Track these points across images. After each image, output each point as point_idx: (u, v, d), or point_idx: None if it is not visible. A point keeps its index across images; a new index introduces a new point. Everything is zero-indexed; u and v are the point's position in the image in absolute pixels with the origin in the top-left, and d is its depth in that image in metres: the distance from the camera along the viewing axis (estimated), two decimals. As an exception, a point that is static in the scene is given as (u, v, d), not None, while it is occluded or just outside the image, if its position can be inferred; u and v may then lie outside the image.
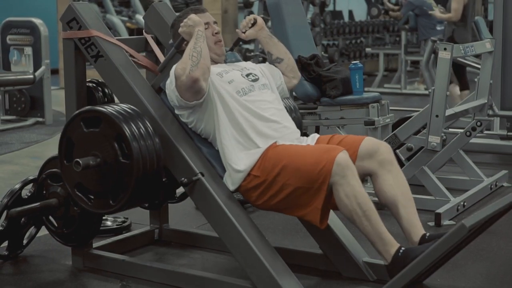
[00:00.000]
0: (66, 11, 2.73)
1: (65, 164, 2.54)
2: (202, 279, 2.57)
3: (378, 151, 2.49)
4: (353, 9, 13.28)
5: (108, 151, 2.43)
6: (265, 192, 2.44)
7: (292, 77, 2.82)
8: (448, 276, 2.67)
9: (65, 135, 2.53)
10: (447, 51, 3.34)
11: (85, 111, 2.52)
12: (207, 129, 2.57)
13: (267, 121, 2.54)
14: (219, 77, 2.57)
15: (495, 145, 4.71)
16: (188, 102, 2.50)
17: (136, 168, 2.39)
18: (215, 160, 2.56)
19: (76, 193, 2.53)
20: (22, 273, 2.78)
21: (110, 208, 2.48)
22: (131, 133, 2.41)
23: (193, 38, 2.51)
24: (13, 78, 6.14)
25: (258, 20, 2.77)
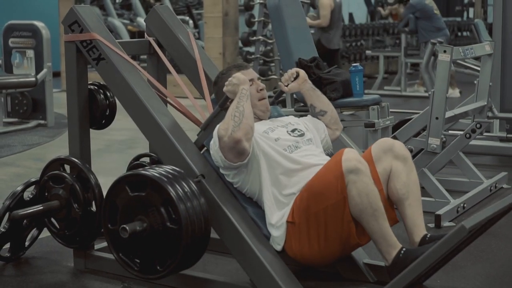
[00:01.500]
0: (68, 14, 2.74)
1: (110, 227, 2.45)
2: (203, 281, 2.57)
3: (393, 147, 2.50)
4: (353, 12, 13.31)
5: (155, 216, 2.34)
6: (303, 237, 2.40)
7: (335, 129, 2.79)
8: (448, 277, 2.67)
9: (109, 198, 2.45)
10: (446, 54, 3.36)
11: (130, 175, 2.43)
12: (252, 189, 2.52)
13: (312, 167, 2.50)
14: (265, 135, 2.53)
15: (495, 147, 4.72)
16: (232, 163, 2.45)
17: (185, 233, 2.31)
18: (260, 220, 2.50)
19: (122, 258, 2.44)
20: (24, 274, 2.79)
21: (158, 273, 2.38)
22: (178, 196, 2.32)
23: (237, 97, 2.46)
24: (15, 80, 6.16)
25: (300, 73, 2.73)
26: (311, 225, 2.38)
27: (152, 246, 2.37)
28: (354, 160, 2.32)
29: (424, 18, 8.22)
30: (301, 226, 2.40)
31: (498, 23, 5.06)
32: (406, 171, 2.49)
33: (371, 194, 2.33)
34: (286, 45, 3.74)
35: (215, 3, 7.90)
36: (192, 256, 2.40)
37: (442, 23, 8.34)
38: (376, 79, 9.16)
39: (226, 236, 2.48)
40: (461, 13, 14.10)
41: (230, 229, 2.45)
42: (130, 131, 5.62)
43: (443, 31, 8.18)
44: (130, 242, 2.39)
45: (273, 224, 2.46)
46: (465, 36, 12.54)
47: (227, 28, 7.94)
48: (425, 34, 8.21)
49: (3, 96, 6.43)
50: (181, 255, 2.33)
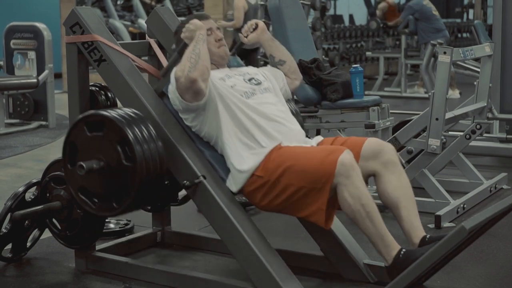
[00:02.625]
0: (69, 16, 2.74)
1: (69, 168, 2.55)
2: (204, 281, 2.58)
3: (382, 152, 2.50)
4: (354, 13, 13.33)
5: (111, 155, 2.45)
6: (268, 193, 2.46)
7: (294, 78, 2.85)
8: (448, 278, 2.68)
9: (69, 139, 2.55)
10: (446, 55, 3.37)
11: (88, 116, 2.53)
12: (210, 132, 2.58)
13: (270, 120, 2.56)
14: (222, 82, 2.60)
15: (495, 148, 4.73)
16: (189, 103, 2.52)
17: (139, 171, 2.41)
18: (217, 163, 2.58)
19: (80, 196, 2.54)
20: (25, 275, 2.80)
21: (114, 211, 2.49)
22: (134, 136, 2.42)
23: (193, 41, 2.54)
24: (17, 82, 6.18)
25: (259, 24, 2.79)
26: (281, 188, 2.43)
27: (108, 184, 2.46)
28: (349, 165, 2.34)
29: (423, 19, 8.23)
30: (270, 184, 2.44)
31: (498, 24, 5.07)
32: (396, 175, 2.49)
33: (363, 196, 2.34)
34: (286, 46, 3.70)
35: (215, 5, 7.92)
36: (146, 194, 2.48)
37: (441, 24, 8.35)
38: (376, 80, 9.16)
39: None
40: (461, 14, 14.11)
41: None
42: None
43: (442, 32, 8.19)
44: (88, 181, 2.48)
45: (235, 165, 2.51)
46: (465, 37, 12.55)
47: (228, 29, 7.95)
48: (424, 35, 8.22)
49: (5, 98, 6.44)
50: (136, 192, 2.42)
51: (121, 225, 3.30)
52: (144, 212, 3.18)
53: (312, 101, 3.81)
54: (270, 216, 3.51)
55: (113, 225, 3.29)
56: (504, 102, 5.06)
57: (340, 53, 9.56)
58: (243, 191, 2.53)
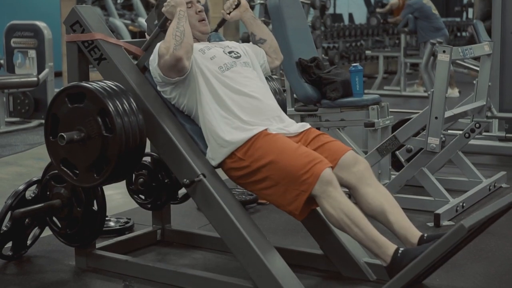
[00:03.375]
0: (70, 15, 2.75)
1: (51, 140, 2.57)
2: (204, 279, 2.59)
3: (355, 166, 2.50)
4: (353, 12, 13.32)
5: (92, 126, 2.46)
6: (247, 177, 2.49)
7: (274, 58, 2.87)
8: (447, 276, 2.68)
9: (51, 111, 2.56)
10: (446, 54, 3.37)
11: (69, 87, 2.54)
12: (189, 105, 2.61)
13: (247, 96, 2.58)
14: (201, 53, 2.62)
15: (494, 147, 4.74)
16: (171, 79, 2.56)
17: (119, 141, 2.43)
18: (198, 136, 2.61)
19: (62, 168, 2.56)
20: (26, 273, 2.80)
21: (94, 181, 2.51)
22: (115, 108, 2.44)
23: (176, 18, 2.56)
24: (17, 80, 6.18)
25: (242, 1, 2.81)
26: (260, 177, 2.46)
27: (89, 155, 2.48)
28: (327, 182, 2.35)
29: (423, 18, 8.24)
30: (249, 169, 2.47)
31: (497, 23, 5.08)
32: (373, 187, 2.49)
33: (343, 205, 2.36)
34: (286, 45, 3.75)
35: (215, 4, 7.92)
36: (126, 165, 2.50)
37: (441, 23, 8.36)
38: (376, 79, 9.17)
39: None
40: (460, 13, 14.11)
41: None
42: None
43: (442, 31, 8.20)
44: (69, 152, 2.51)
45: (215, 137, 2.53)
46: (464, 36, 12.55)
47: (228, 28, 7.95)
48: (424, 34, 8.23)
49: (5, 96, 6.45)
50: (116, 163, 2.44)
51: (121, 223, 3.31)
52: (144, 210, 3.19)
53: (312, 100, 3.81)
54: (270, 214, 3.52)
55: (113, 223, 3.30)
56: (503, 101, 5.07)
57: (340, 52, 9.56)
58: (223, 166, 2.55)
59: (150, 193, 3.06)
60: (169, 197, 3.09)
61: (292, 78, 3.83)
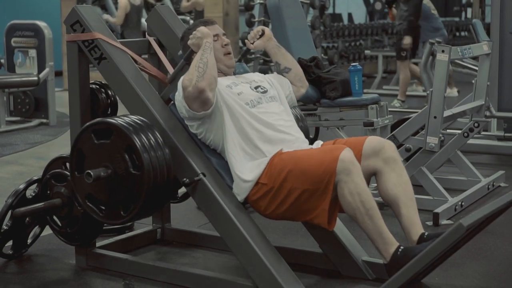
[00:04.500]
0: (70, 14, 2.76)
1: (76, 175, 2.53)
2: (204, 278, 2.59)
3: (383, 149, 2.51)
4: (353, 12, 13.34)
5: (119, 163, 2.43)
6: (273, 200, 2.46)
7: (300, 86, 2.84)
8: (446, 274, 2.69)
9: (76, 146, 2.53)
10: (445, 53, 3.38)
11: (95, 123, 2.51)
12: (215, 140, 2.58)
13: (274, 130, 2.56)
14: (229, 89, 2.59)
15: (492, 146, 4.74)
16: (197, 113, 2.51)
17: (147, 179, 2.39)
18: (224, 171, 2.57)
19: (87, 204, 2.52)
20: (26, 272, 2.81)
21: (121, 219, 2.47)
22: (142, 144, 2.40)
23: (201, 49, 2.53)
24: (18, 80, 6.19)
25: (266, 31, 2.79)
26: (285, 194, 2.43)
27: (116, 192, 2.45)
28: (349, 162, 2.35)
29: (422, 18, 8.25)
30: (274, 190, 2.45)
31: (496, 23, 5.09)
32: (396, 172, 2.50)
33: (363, 193, 2.35)
34: (286, 45, 3.75)
35: (215, 3, 7.92)
36: (154, 202, 2.47)
37: (440, 23, 8.37)
38: (375, 78, 9.18)
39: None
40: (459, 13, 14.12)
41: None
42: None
43: (441, 31, 8.21)
44: (95, 189, 2.46)
45: (238, 175, 2.51)
46: (463, 36, 12.56)
47: (228, 28, 7.95)
48: (423, 34, 8.23)
49: (6, 95, 6.46)
50: (144, 201, 2.41)
51: (121, 222, 3.31)
52: (144, 210, 3.19)
53: (311, 99, 3.82)
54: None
55: (113, 222, 3.30)
56: (502, 100, 5.08)
57: (339, 52, 9.57)
58: (248, 200, 2.52)
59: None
60: (169, 197, 3.09)
61: (292, 77, 3.83)
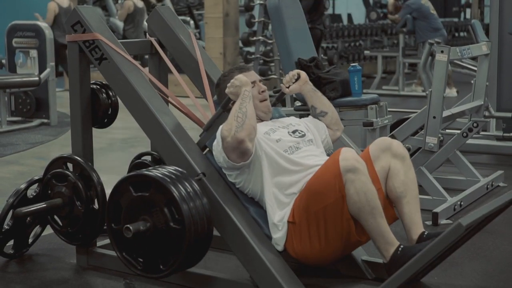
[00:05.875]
0: (71, 15, 2.77)
1: (113, 227, 2.47)
2: (204, 277, 2.60)
3: (391, 146, 2.53)
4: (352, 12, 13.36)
5: (158, 216, 2.36)
6: (304, 237, 2.43)
7: (336, 129, 2.82)
8: (445, 274, 2.70)
9: (113, 198, 2.48)
10: (444, 54, 3.39)
11: (134, 176, 2.45)
12: (254, 189, 2.54)
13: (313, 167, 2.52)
14: (267, 136, 2.56)
15: (491, 146, 4.75)
16: (235, 163, 2.48)
17: (187, 234, 2.33)
18: (262, 220, 2.52)
19: (125, 256, 2.46)
20: (27, 271, 2.82)
21: (161, 273, 2.40)
22: (181, 196, 2.34)
23: (239, 99, 2.48)
24: (19, 80, 6.20)
25: (301, 75, 2.75)
26: (311, 224, 2.41)
27: (155, 246, 2.39)
28: (352, 159, 2.35)
29: (421, 18, 8.27)
30: (301, 225, 2.42)
31: (495, 23, 5.11)
32: (404, 169, 2.51)
33: (369, 192, 2.35)
34: (286, 45, 3.77)
35: (215, 4, 7.93)
36: (195, 255, 2.42)
37: (439, 23, 8.38)
38: (375, 78, 9.19)
39: (228, 236, 2.50)
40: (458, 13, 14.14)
41: (232, 229, 2.47)
42: (132, 130, 5.66)
43: (440, 32, 8.23)
44: (133, 242, 2.40)
45: (275, 223, 2.48)
46: (462, 36, 12.57)
47: (228, 28, 7.97)
48: (422, 34, 8.26)
49: (7, 95, 6.48)
50: (184, 255, 2.35)
51: (121, 222, 3.31)
52: (144, 209, 3.20)
53: (311, 100, 3.82)
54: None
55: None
56: (500, 101, 5.09)
57: (339, 52, 9.58)
58: (286, 246, 2.47)
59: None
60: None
61: (291, 78, 3.84)
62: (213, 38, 8.02)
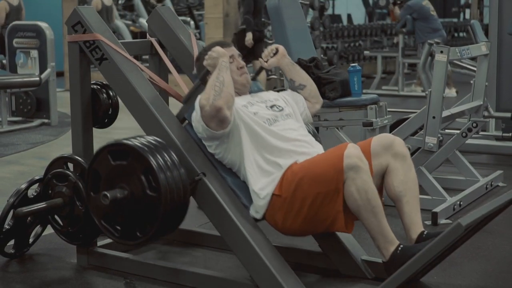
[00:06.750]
0: (71, 15, 2.77)
1: (92, 195, 2.54)
2: (204, 277, 2.61)
3: (392, 144, 2.53)
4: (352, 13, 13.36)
5: (135, 184, 2.42)
6: (288, 212, 2.46)
7: (315, 102, 2.86)
8: (445, 273, 2.70)
9: (92, 167, 2.53)
10: (443, 54, 3.40)
11: (112, 144, 2.50)
12: (233, 159, 2.57)
13: (293, 144, 2.56)
14: (245, 109, 2.59)
15: (491, 146, 4.76)
16: (215, 132, 2.51)
17: (164, 201, 2.38)
18: (240, 190, 2.57)
19: (103, 224, 2.52)
20: (28, 271, 2.82)
21: (137, 240, 2.46)
22: (158, 166, 2.39)
23: (217, 69, 2.53)
24: (20, 80, 6.21)
25: (279, 49, 2.80)
26: (299, 204, 2.43)
27: (132, 213, 2.45)
28: (356, 158, 2.36)
29: (421, 19, 8.27)
30: (288, 201, 2.45)
31: (494, 24, 5.12)
32: (405, 169, 2.52)
33: (370, 191, 2.36)
34: (285, 45, 3.74)
35: (216, 4, 7.94)
36: (170, 223, 2.47)
37: (438, 24, 8.39)
38: (374, 79, 9.20)
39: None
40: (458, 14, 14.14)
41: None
42: (132, 130, 5.60)
43: (439, 32, 8.24)
44: (111, 209, 2.46)
45: (256, 191, 2.51)
46: (462, 36, 12.58)
47: (228, 28, 7.98)
48: (422, 35, 8.26)
49: (8, 96, 6.49)
50: (160, 222, 2.41)
51: (122, 222, 3.32)
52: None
53: (311, 100, 3.83)
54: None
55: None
56: (500, 101, 5.10)
57: (339, 52, 9.59)
58: (266, 216, 2.52)
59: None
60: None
61: (291, 78, 3.85)
62: (213, 38, 8.01)
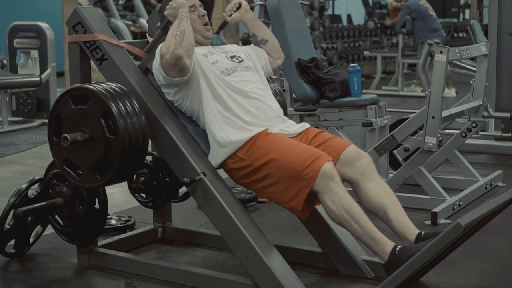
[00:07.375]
0: (72, 16, 2.78)
1: (54, 140, 2.59)
2: (204, 277, 2.61)
3: (358, 161, 2.52)
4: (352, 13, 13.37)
5: (95, 127, 2.49)
6: (248, 176, 2.52)
7: (276, 57, 2.91)
8: (444, 273, 2.71)
9: (54, 112, 2.59)
10: (443, 54, 3.40)
11: (73, 89, 2.57)
12: (192, 106, 2.64)
13: (249, 97, 2.61)
14: (204, 58, 2.65)
15: (490, 146, 4.77)
16: (174, 79, 2.57)
17: (121, 143, 2.45)
18: (199, 138, 2.64)
19: (65, 168, 2.59)
20: (28, 270, 2.83)
21: (97, 182, 2.53)
22: (118, 110, 2.46)
23: (177, 19, 2.59)
24: (20, 80, 6.21)
25: (242, 3, 2.85)
26: (261, 177, 2.48)
27: (92, 156, 2.51)
28: (329, 176, 2.37)
29: (420, 19, 8.28)
30: (251, 168, 2.50)
31: (494, 24, 5.13)
32: (375, 182, 2.51)
33: (344, 201, 2.37)
34: (285, 45, 3.78)
35: (215, 5, 7.95)
36: (129, 166, 2.53)
37: (437, 24, 8.40)
38: (374, 79, 9.21)
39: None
40: (457, 14, 14.14)
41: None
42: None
43: (439, 32, 8.25)
44: (72, 153, 2.53)
45: (217, 140, 2.56)
46: (461, 37, 12.59)
47: (228, 29, 7.97)
48: (421, 35, 8.27)
49: (8, 96, 6.50)
50: (119, 164, 2.47)
51: (122, 222, 3.33)
52: (145, 209, 3.22)
53: (311, 100, 3.84)
54: (269, 213, 3.55)
55: (115, 221, 3.32)
56: (499, 101, 5.12)
57: (338, 52, 9.60)
58: (224, 167, 2.58)
59: (151, 192, 3.09)
60: (169, 196, 3.12)
61: (291, 78, 3.86)
62: (213, 39, 8.04)
